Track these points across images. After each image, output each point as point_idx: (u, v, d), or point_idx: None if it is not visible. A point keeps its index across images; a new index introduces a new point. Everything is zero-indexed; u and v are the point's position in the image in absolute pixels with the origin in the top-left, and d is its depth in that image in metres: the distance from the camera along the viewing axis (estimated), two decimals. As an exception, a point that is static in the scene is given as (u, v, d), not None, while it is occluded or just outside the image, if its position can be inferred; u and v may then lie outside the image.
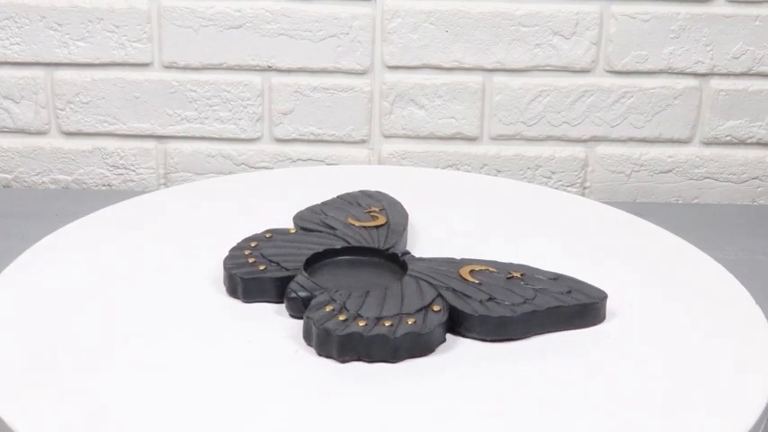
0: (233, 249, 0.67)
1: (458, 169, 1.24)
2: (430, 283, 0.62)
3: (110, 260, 0.69)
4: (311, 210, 0.73)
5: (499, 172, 1.24)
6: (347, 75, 1.20)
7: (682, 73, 1.22)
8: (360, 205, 0.74)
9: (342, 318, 0.58)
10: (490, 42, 1.19)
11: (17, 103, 1.21)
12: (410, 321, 0.58)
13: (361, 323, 0.57)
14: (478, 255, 0.67)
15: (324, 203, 0.75)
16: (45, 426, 0.51)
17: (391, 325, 0.57)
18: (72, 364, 0.56)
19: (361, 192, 0.77)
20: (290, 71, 1.20)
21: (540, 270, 0.64)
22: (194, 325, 0.61)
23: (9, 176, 1.24)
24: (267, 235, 0.68)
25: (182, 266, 0.68)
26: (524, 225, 0.77)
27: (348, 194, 0.76)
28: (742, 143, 1.25)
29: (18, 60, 1.19)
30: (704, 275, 0.70)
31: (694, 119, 1.23)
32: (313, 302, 0.60)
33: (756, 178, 1.26)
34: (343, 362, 0.57)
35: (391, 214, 0.72)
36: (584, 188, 1.26)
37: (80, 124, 1.22)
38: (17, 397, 0.53)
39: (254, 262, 0.64)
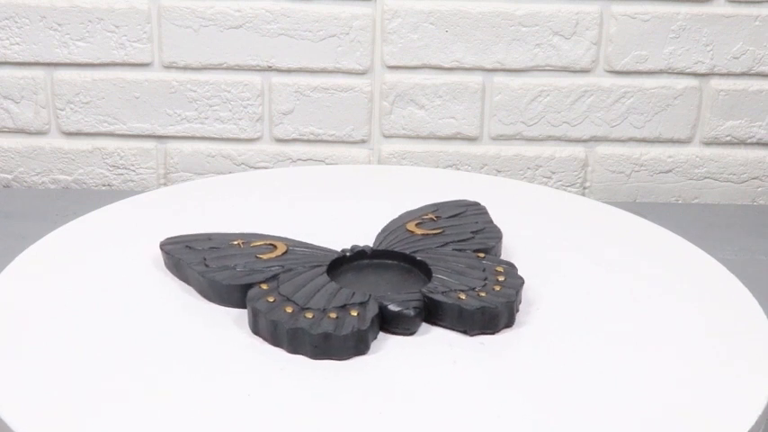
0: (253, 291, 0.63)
1: (458, 169, 1.23)
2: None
3: (110, 260, 0.69)
4: None
5: (499, 172, 1.24)
6: (347, 75, 1.20)
7: (682, 73, 1.22)
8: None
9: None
10: (490, 42, 1.19)
11: (17, 103, 1.21)
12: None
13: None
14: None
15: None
16: (45, 426, 0.51)
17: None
18: (72, 364, 0.56)
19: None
20: (290, 71, 1.20)
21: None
22: (195, 324, 0.61)
23: (9, 176, 1.24)
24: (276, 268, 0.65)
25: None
26: (524, 225, 0.77)
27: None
28: (742, 143, 1.25)
29: (18, 60, 1.19)
30: (704, 275, 0.70)
31: (694, 119, 1.23)
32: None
33: (756, 178, 1.26)
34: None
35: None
36: (584, 188, 1.26)
37: (80, 124, 1.22)
38: (17, 397, 0.53)
39: (275, 301, 0.61)
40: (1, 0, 1.17)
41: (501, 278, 0.63)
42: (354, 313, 0.59)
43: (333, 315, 0.59)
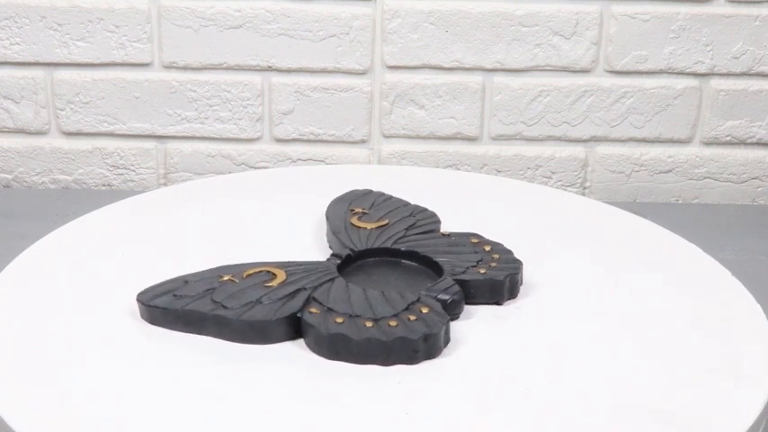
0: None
1: (458, 169, 1.23)
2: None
3: (110, 260, 0.69)
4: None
5: (499, 172, 1.24)
6: (347, 75, 1.20)
7: (682, 73, 1.22)
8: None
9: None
10: (490, 42, 1.19)
11: (17, 103, 1.21)
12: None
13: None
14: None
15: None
16: (45, 425, 0.51)
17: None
18: (72, 364, 0.56)
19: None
20: (290, 71, 1.20)
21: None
22: (194, 325, 0.61)
23: (9, 176, 1.24)
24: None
25: (182, 266, 0.68)
26: (524, 225, 0.77)
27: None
28: (742, 143, 1.25)
29: (18, 60, 1.19)
30: (704, 275, 0.70)
31: (694, 119, 1.23)
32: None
33: (756, 178, 1.26)
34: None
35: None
36: (584, 188, 1.26)
37: (80, 124, 1.22)
38: (17, 397, 0.53)
39: (344, 321, 0.59)
40: (1, 0, 1.17)
41: (495, 255, 0.67)
42: (426, 310, 0.59)
43: (412, 317, 0.58)
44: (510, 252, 0.67)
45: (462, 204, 0.81)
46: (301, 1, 1.18)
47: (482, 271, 0.64)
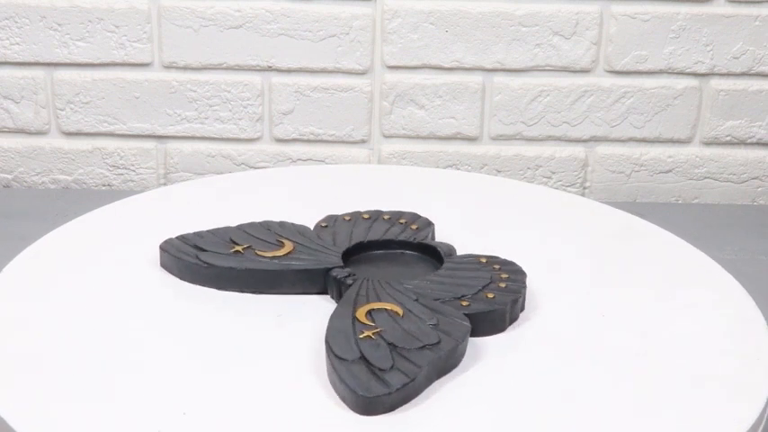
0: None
1: (458, 169, 1.23)
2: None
3: (109, 260, 0.69)
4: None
5: (499, 172, 1.24)
6: (347, 75, 1.21)
7: (682, 73, 1.22)
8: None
9: None
10: (490, 42, 1.19)
11: (17, 103, 1.21)
12: None
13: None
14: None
15: None
16: (45, 425, 0.51)
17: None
18: (72, 364, 0.56)
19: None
20: (290, 71, 1.20)
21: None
22: (195, 323, 0.61)
23: (9, 176, 1.24)
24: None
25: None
26: (524, 225, 0.77)
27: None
28: (742, 143, 1.25)
29: (18, 60, 1.19)
30: (704, 275, 0.70)
31: (694, 119, 1.23)
32: None
33: (756, 178, 1.26)
34: None
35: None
36: (585, 188, 1.26)
37: (80, 124, 1.22)
38: (17, 397, 0.53)
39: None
40: (1, 0, 1.17)
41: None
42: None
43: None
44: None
45: (462, 204, 0.81)
46: (301, 1, 1.18)
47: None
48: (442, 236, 0.73)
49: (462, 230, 0.75)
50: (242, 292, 0.65)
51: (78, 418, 0.52)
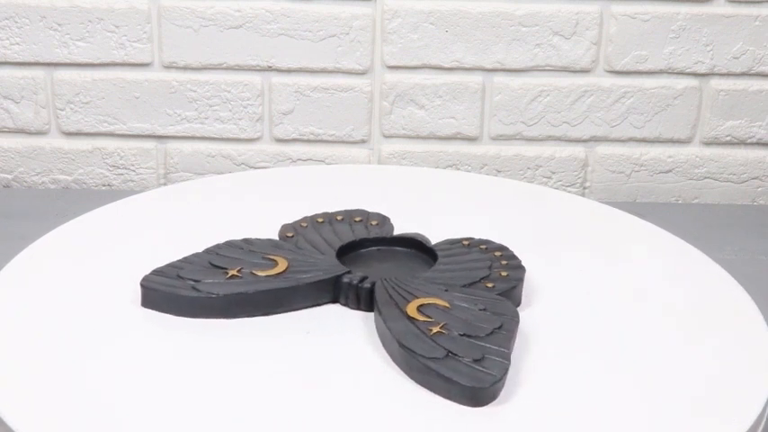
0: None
1: (458, 169, 1.23)
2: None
3: (109, 259, 0.69)
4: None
5: (499, 172, 1.24)
6: (347, 75, 1.21)
7: (682, 73, 1.22)
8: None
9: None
10: (490, 42, 1.19)
11: (17, 103, 1.21)
12: None
13: None
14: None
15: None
16: (45, 425, 0.51)
17: None
18: (72, 364, 0.56)
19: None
20: (290, 71, 1.20)
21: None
22: (195, 322, 0.61)
23: (9, 176, 1.24)
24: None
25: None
26: (524, 225, 0.77)
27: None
28: (742, 143, 1.25)
29: (18, 60, 1.19)
30: (704, 275, 0.70)
31: (694, 119, 1.23)
32: None
33: (756, 178, 1.26)
34: None
35: None
36: (585, 188, 1.26)
37: (80, 124, 1.22)
38: (17, 397, 0.53)
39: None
40: (1, 0, 1.17)
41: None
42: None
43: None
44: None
45: (462, 204, 0.81)
46: (301, 1, 1.18)
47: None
48: (442, 235, 0.73)
49: (462, 230, 0.75)
50: (251, 316, 0.62)
51: (78, 418, 0.52)
